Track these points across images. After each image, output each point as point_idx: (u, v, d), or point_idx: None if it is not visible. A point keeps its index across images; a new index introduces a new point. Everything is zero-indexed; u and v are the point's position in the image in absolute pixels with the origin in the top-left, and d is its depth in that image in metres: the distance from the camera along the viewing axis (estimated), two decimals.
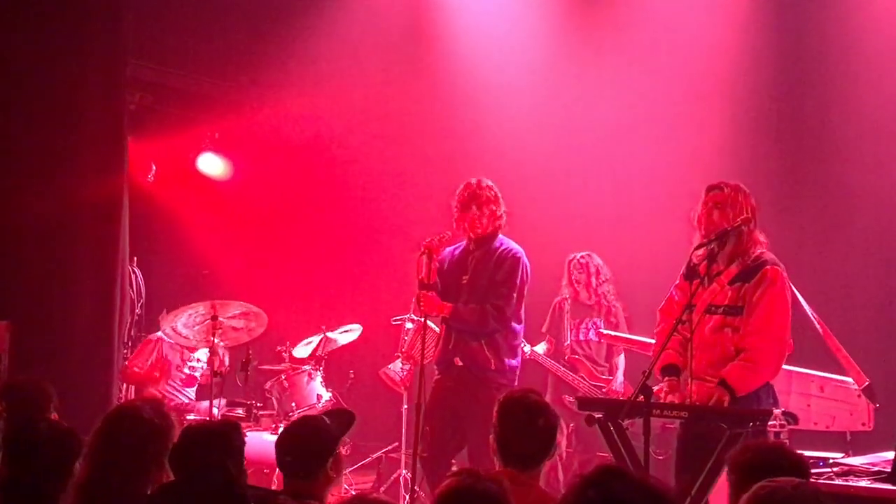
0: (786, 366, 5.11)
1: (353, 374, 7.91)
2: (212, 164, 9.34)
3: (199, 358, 7.56)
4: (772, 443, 3.88)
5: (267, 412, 7.26)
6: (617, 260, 7.71)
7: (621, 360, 7.53)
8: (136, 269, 8.05)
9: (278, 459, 3.71)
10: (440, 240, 5.76)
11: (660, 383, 4.86)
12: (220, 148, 9.31)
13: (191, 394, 7.61)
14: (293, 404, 7.11)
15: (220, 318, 6.88)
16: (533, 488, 3.58)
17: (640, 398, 4.32)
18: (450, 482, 2.77)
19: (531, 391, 3.84)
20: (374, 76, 9.10)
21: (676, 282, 5.08)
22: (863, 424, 5.98)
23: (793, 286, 5.02)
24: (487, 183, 5.89)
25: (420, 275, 5.68)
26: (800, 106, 7.98)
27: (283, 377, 7.22)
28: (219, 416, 6.83)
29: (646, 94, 8.33)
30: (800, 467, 3.16)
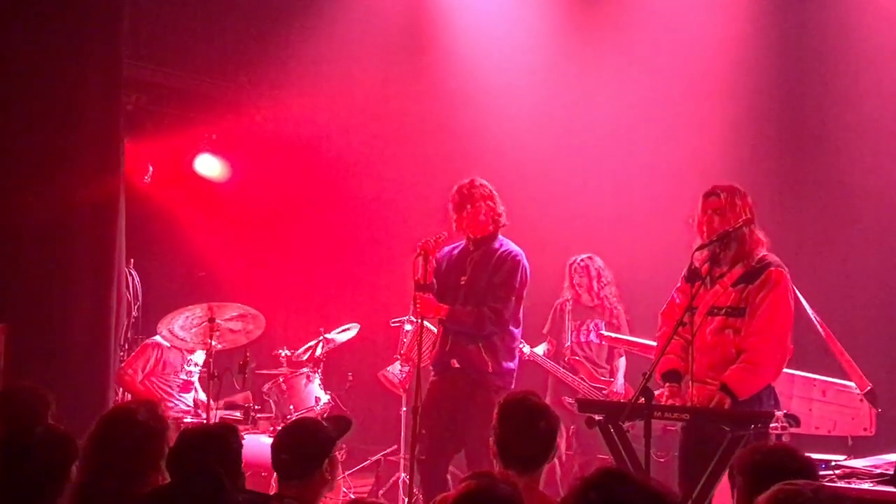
0: (788, 369, 5.09)
1: (351, 377, 7.88)
2: (209, 166, 9.31)
3: (197, 361, 7.52)
4: (780, 445, 3.84)
5: (265, 415, 7.21)
6: (617, 260, 7.70)
7: (622, 362, 7.51)
8: (132, 270, 8.00)
9: (274, 458, 3.69)
10: (436, 241, 5.71)
11: (661, 388, 4.84)
12: (218, 149, 9.27)
13: (188, 399, 7.56)
14: (291, 407, 7.05)
15: (218, 321, 6.84)
16: (533, 491, 3.56)
17: (641, 400, 4.29)
18: (468, 484, 2.79)
19: (531, 393, 3.82)
20: (374, 76, 9.08)
21: (678, 284, 5.05)
22: (864, 429, 5.96)
23: (795, 288, 5.00)
24: (480, 182, 5.83)
25: (416, 276, 5.64)
26: (800, 106, 7.98)
27: (282, 379, 7.17)
28: (216, 417, 6.80)
29: (646, 94, 8.32)
30: (809, 469, 3.15)
